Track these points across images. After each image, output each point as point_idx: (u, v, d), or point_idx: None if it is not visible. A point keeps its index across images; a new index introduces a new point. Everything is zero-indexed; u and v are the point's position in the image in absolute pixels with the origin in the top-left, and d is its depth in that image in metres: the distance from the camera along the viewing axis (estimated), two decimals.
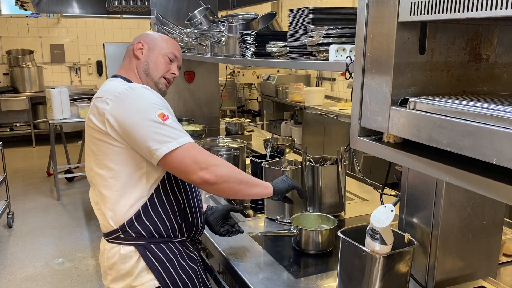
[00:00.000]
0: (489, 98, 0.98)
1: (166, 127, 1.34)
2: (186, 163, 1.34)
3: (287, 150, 2.88)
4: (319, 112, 5.42)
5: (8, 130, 7.52)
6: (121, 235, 1.43)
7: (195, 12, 2.75)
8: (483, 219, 1.23)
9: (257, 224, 1.91)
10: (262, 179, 1.97)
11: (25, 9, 5.35)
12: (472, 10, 0.79)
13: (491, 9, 0.76)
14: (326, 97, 6.00)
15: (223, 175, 1.37)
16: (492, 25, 1.06)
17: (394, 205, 1.11)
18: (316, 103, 5.62)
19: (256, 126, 4.23)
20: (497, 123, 0.78)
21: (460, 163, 0.87)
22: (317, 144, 5.46)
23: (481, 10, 0.78)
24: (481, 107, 0.84)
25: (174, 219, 1.48)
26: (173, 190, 1.48)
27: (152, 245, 1.43)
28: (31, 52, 7.71)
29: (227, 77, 6.79)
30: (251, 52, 2.01)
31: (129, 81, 1.52)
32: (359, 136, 1.13)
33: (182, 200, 1.50)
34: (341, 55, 1.41)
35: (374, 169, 4.11)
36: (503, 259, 1.48)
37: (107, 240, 1.47)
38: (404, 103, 1.00)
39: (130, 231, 1.41)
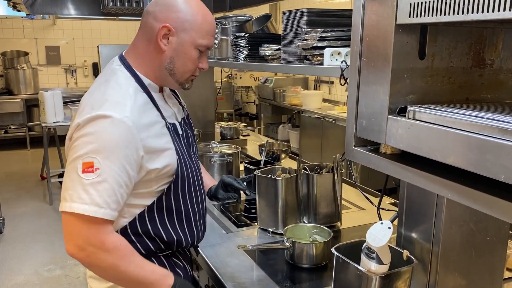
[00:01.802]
0: (494, 107, 0.91)
1: (81, 181, 1.12)
2: (65, 230, 1.16)
3: (283, 155, 2.80)
4: (316, 116, 5.35)
5: (3, 132, 7.44)
6: None
7: None
8: (486, 234, 1.16)
9: (250, 235, 1.83)
10: (255, 187, 1.90)
11: (18, 10, 5.27)
12: (477, 12, 0.72)
13: (498, 11, 0.69)
14: (324, 100, 5.94)
15: (102, 265, 1.18)
16: (497, 28, 0.99)
17: (392, 221, 1.03)
18: (313, 106, 5.56)
19: (253, 131, 4.15)
20: (504, 136, 0.70)
21: (463, 178, 0.80)
22: (314, 148, 5.38)
23: (487, 11, 0.71)
24: (487, 118, 0.77)
25: (159, 239, 1.34)
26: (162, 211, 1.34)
27: None
28: (26, 53, 7.63)
29: (225, 79, 6.73)
30: (244, 56, 1.94)
31: (132, 71, 1.28)
32: (354, 146, 1.05)
33: (173, 220, 1.37)
34: (336, 59, 1.33)
35: (372, 174, 4.03)
36: (507, 274, 1.41)
37: None
38: (402, 112, 0.93)
39: None
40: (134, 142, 1.17)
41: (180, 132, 1.38)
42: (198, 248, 1.66)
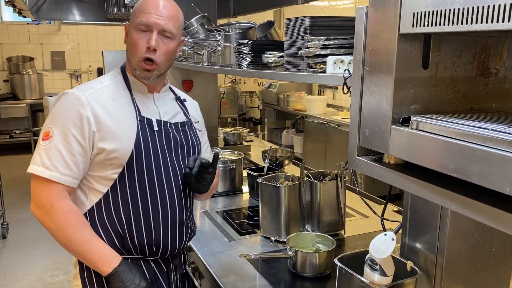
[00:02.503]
0: (499, 117, 0.89)
1: (39, 147, 1.31)
2: (31, 191, 1.32)
3: (286, 162, 2.79)
4: (320, 121, 5.33)
5: (8, 137, 7.46)
6: None
7: (192, 20, 2.68)
8: (492, 246, 1.14)
9: (252, 243, 1.82)
10: (257, 194, 1.89)
11: (24, 16, 5.30)
12: (481, 22, 0.71)
13: (502, 21, 0.68)
14: (328, 105, 5.92)
15: (49, 226, 1.30)
16: (502, 37, 0.98)
17: (395, 232, 1.02)
18: (317, 111, 5.54)
19: (257, 136, 4.14)
20: (509, 148, 0.69)
21: (467, 190, 0.79)
22: (318, 153, 5.37)
23: (491, 22, 0.70)
24: (492, 129, 0.75)
25: (119, 231, 1.35)
26: (117, 204, 1.35)
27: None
28: (31, 59, 7.67)
29: (228, 84, 6.73)
30: (247, 62, 1.93)
31: (124, 71, 1.44)
32: (357, 156, 1.04)
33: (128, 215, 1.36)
34: (339, 67, 1.32)
35: (377, 180, 3.99)
36: None
37: None
38: (406, 121, 0.91)
39: None
40: (86, 116, 1.29)
41: (156, 129, 1.40)
42: (200, 256, 1.65)
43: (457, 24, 0.75)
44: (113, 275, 1.27)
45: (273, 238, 1.62)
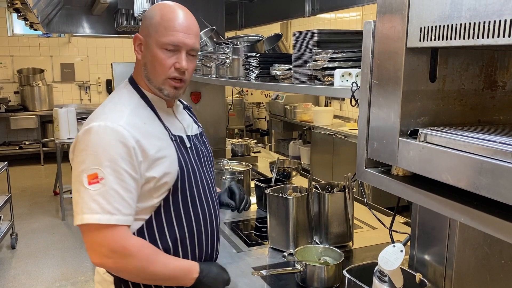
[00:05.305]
0: (506, 129, 0.90)
1: (89, 192, 1.16)
2: (87, 243, 1.20)
3: (294, 173, 2.80)
4: (327, 132, 5.34)
5: (17, 148, 7.55)
6: None
7: (201, 33, 2.72)
8: (501, 258, 1.14)
9: (261, 255, 1.82)
10: (265, 205, 1.89)
11: (35, 30, 5.40)
12: (487, 37, 0.72)
13: (509, 36, 0.69)
14: (335, 116, 5.93)
15: (129, 269, 1.22)
16: (509, 51, 0.99)
17: (404, 244, 1.02)
18: (324, 123, 5.55)
19: (264, 147, 4.16)
20: None
21: (476, 202, 0.79)
22: (326, 164, 5.36)
23: (497, 37, 0.71)
24: (499, 142, 0.76)
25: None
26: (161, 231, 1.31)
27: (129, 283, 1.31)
28: (42, 71, 7.79)
29: (236, 96, 6.77)
30: (255, 75, 1.95)
31: (137, 87, 1.34)
32: (366, 168, 1.05)
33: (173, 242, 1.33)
34: (347, 80, 1.34)
35: (385, 191, 3.99)
36: None
37: None
38: (414, 134, 0.92)
39: None
40: (132, 147, 1.19)
41: (188, 145, 1.38)
42: None
43: (464, 38, 0.76)
44: (200, 281, 1.29)
45: (285, 253, 1.60)
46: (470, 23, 0.74)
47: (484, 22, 0.72)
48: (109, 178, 1.16)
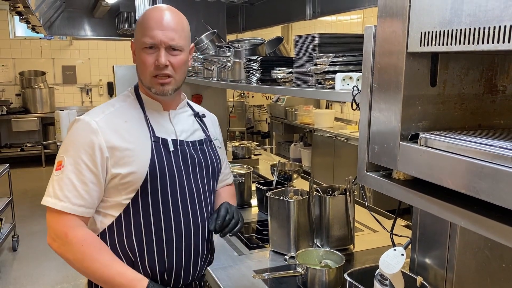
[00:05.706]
0: (507, 134, 0.91)
1: (52, 177, 1.27)
2: (47, 224, 1.28)
3: (295, 175, 2.80)
4: (328, 135, 5.35)
5: (19, 150, 7.56)
6: None
7: (202, 36, 2.73)
8: (502, 261, 1.14)
9: (262, 258, 1.82)
10: (266, 208, 1.89)
11: (37, 32, 5.41)
12: (487, 43, 0.73)
13: (508, 42, 0.70)
14: (336, 119, 5.94)
15: (67, 257, 1.26)
16: (509, 55, 1.00)
17: (405, 248, 1.03)
18: (325, 125, 5.56)
19: (265, 150, 4.16)
20: None
21: (476, 206, 0.80)
22: (327, 166, 5.37)
23: (497, 42, 0.71)
24: (499, 147, 0.76)
25: (130, 257, 1.31)
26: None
27: None
28: (43, 73, 7.81)
29: (237, 98, 6.79)
30: (256, 78, 1.96)
31: (137, 90, 1.40)
32: (367, 171, 1.06)
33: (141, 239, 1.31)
34: (348, 84, 1.35)
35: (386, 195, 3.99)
36: None
37: None
38: (414, 138, 0.93)
39: None
40: (98, 143, 1.25)
41: (172, 149, 1.34)
42: (210, 270, 1.66)
43: (464, 44, 0.77)
44: None
45: (287, 257, 1.61)
46: (470, 29, 0.75)
47: (484, 28, 0.72)
48: (68, 167, 1.25)
